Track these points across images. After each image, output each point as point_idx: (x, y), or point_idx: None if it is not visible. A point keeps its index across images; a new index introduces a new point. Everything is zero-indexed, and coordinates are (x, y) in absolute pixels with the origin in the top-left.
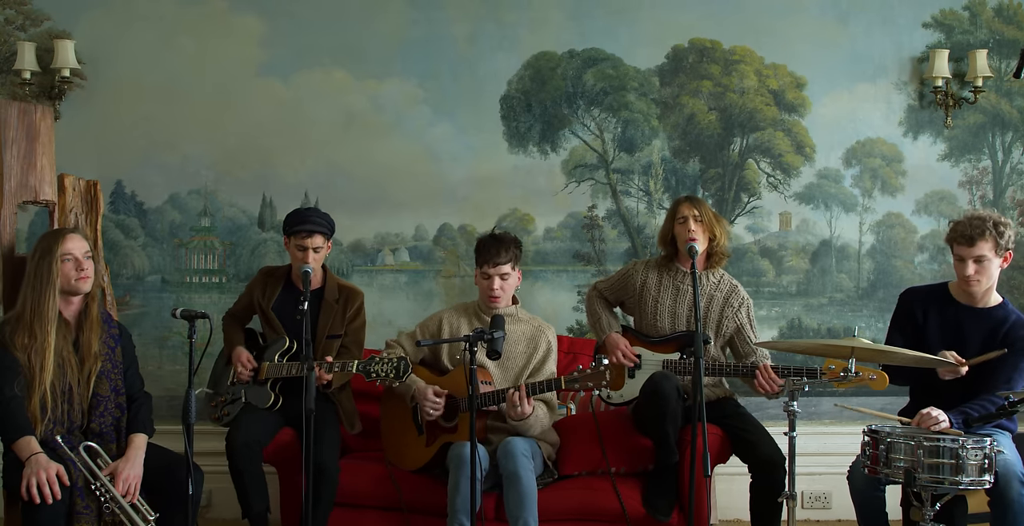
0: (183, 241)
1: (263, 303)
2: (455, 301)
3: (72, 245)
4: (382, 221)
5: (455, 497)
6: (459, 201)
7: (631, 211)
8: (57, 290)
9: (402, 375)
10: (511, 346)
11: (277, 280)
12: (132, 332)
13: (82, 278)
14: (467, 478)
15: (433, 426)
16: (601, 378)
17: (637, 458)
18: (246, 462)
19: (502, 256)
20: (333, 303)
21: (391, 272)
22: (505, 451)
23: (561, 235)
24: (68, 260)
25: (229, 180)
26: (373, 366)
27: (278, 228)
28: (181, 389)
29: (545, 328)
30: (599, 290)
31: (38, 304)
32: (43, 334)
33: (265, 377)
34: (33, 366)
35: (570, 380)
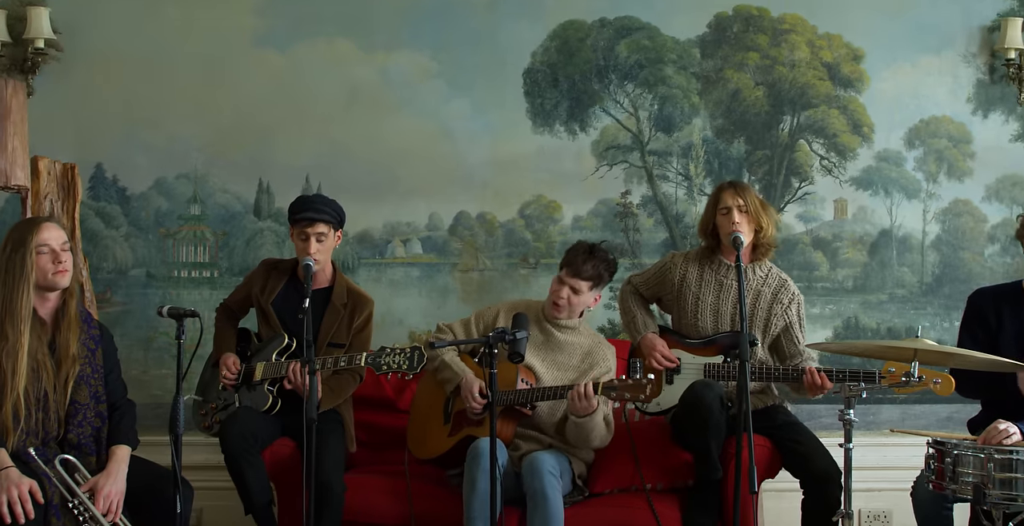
0: (170, 231)
1: (262, 298)
2: (472, 298)
3: (48, 235)
4: (392, 209)
5: (472, 498)
6: (477, 186)
7: (669, 197)
8: (31, 285)
9: (416, 366)
10: (565, 357)
11: (281, 274)
12: (114, 332)
13: (60, 272)
14: (485, 473)
15: (461, 417)
16: (640, 390)
17: (676, 473)
18: (243, 451)
19: (585, 270)
20: (340, 307)
21: (402, 265)
22: (531, 467)
23: (591, 224)
24: (44, 252)
25: (221, 163)
26: (384, 358)
27: (276, 216)
28: (168, 396)
29: (606, 348)
30: (634, 285)
31: (10, 301)
32: (15, 334)
33: (261, 378)
34: (4, 370)
35: (608, 388)
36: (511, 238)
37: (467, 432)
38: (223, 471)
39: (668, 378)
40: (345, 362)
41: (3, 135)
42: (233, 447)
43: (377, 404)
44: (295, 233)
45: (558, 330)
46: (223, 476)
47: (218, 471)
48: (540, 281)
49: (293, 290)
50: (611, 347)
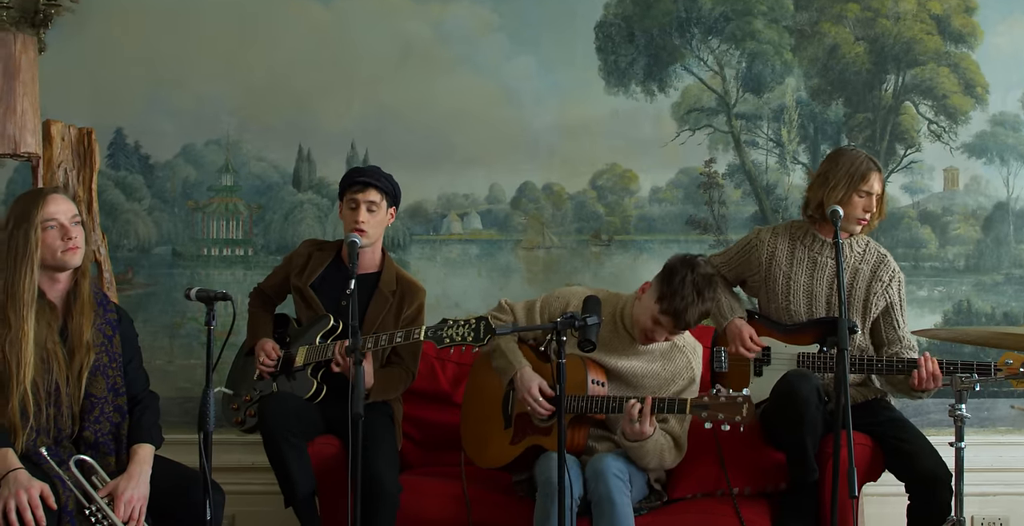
0: (199, 204)
1: (300, 280)
2: (538, 278)
3: (55, 208)
4: (448, 179)
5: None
6: (544, 154)
7: (758, 166)
8: (36, 265)
9: (483, 337)
10: (640, 360)
11: (324, 255)
12: (135, 317)
13: (70, 249)
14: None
15: (524, 421)
16: (736, 411)
17: (766, 476)
18: (285, 432)
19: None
20: (388, 295)
21: (459, 242)
22: (594, 470)
23: (671, 196)
24: (51, 227)
25: (256, 128)
26: (446, 330)
27: (317, 187)
28: (196, 389)
29: (690, 350)
30: (714, 266)
31: (13, 283)
32: (18, 321)
33: (304, 363)
34: (8, 361)
35: (697, 406)
36: (581, 212)
37: (532, 441)
38: (258, 473)
39: (757, 369)
40: (402, 337)
41: (12, 96)
42: (273, 426)
43: (431, 397)
44: (344, 203)
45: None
46: (258, 478)
47: (252, 473)
48: (614, 260)
49: (336, 272)
50: (696, 347)
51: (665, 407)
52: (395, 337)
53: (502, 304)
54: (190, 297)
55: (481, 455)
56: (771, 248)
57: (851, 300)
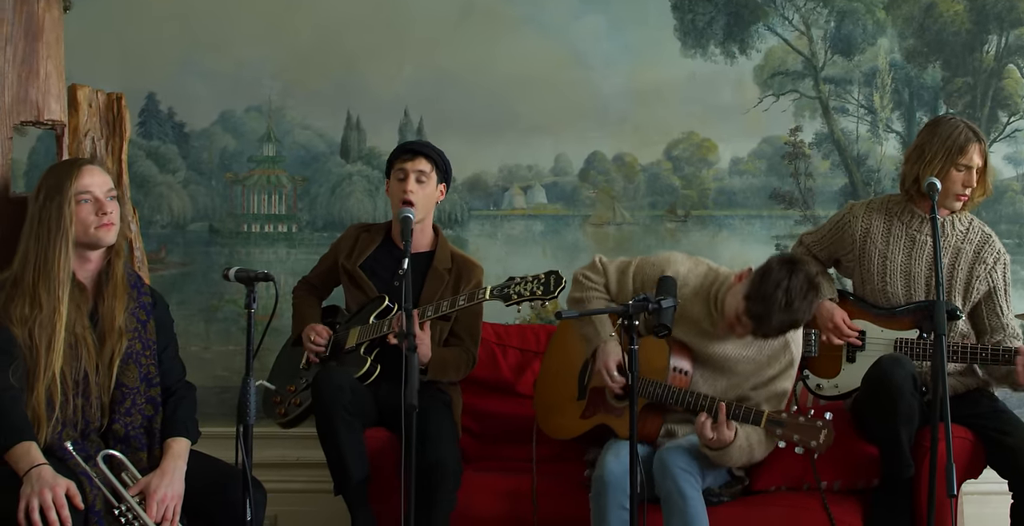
0: (238, 176)
1: (348, 263)
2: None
3: (90, 180)
4: (510, 149)
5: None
6: (614, 122)
7: (848, 135)
8: (70, 242)
9: (553, 290)
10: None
11: (372, 236)
12: (170, 300)
13: (104, 226)
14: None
15: (598, 396)
16: (813, 435)
17: (857, 470)
18: (339, 408)
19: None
20: (443, 273)
21: (522, 218)
22: (660, 465)
23: (753, 168)
24: (85, 201)
25: (301, 94)
26: (512, 287)
27: (367, 158)
28: (235, 378)
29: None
30: (806, 245)
31: (44, 261)
32: (52, 302)
33: (356, 343)
34: (36, 346)
35: (773, 422)
36: (655, 185)
37: (601, 420)
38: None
39: (850, 355)
40: (465, 300)
41: (34, 59)
42: (329, 401)
43: (491, 387)
44: (392, 176)
45: None
46: (303, 475)
47: (297, 469)
48: (690, 237)
49: (387, 254)
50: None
51: (740, 415)
52: (457, 301)
53: (596, 262)
54: (229, 277)
55: (548, 421)
56: (865, 224)
57: (951, 283)
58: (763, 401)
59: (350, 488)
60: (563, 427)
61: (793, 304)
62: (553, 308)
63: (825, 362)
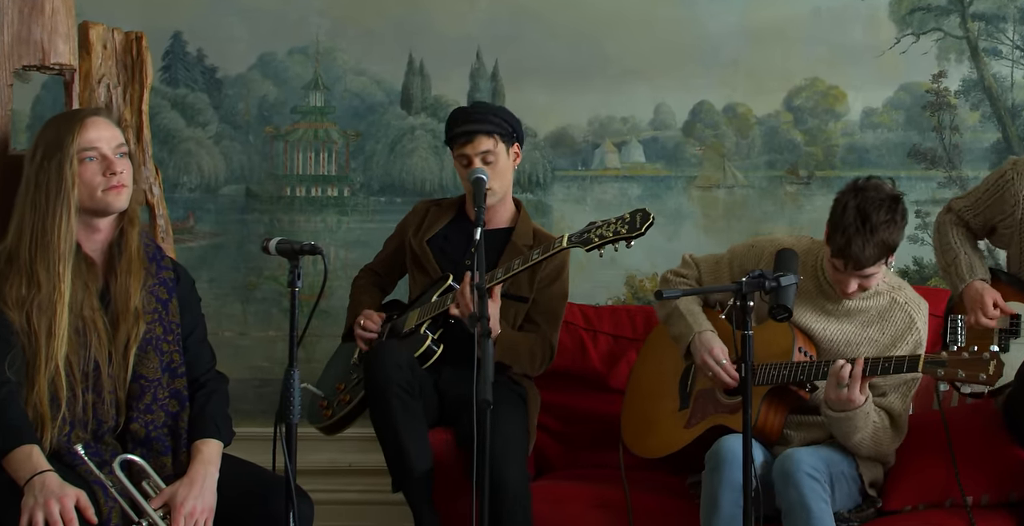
0: (280, 131)
1: (415, 239)
2: (717, 226)
3: (96, 135)
4: (601, 99)
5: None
6: (725, 67)
7: (1001, 81)
8: (73, 208)
9: (641, 226)
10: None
11: (443, 211)
12: (199, 277)
13: (113, 188)
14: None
15: (705, 399)
16: (981, 368)
17: (1011, 481)
18: (398, 388)
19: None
20: (523, 248)
21: (615, 180)
22: (783, 471)
23: (889, 121)
24: (91, 159)
25: (353, 33)
26: (594, 231)
27: (433, 109)
28: (276, 369)
29: (913, 309)
30: (956, 212)
31: (42, 232)
32: (51, 279)
33: (416, 324)
34: (36, 331)
35: (933, 362)
36: (773, 141)
37: (715, 421)
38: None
39: (1002, 343)
40: (540, 253)
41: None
42: (382, 379)
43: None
44: (455, 157)
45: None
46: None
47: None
48: (815, 203)
49: (458, 231)
50: (921, 303)
51: (892, 367)
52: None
53: (686, 259)
54: (269, 250)
55: (643, 441)
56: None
57: None
58: (891, 390)
59: (412, 481)
60: (662, 442)
61: (871, 219)
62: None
63: None
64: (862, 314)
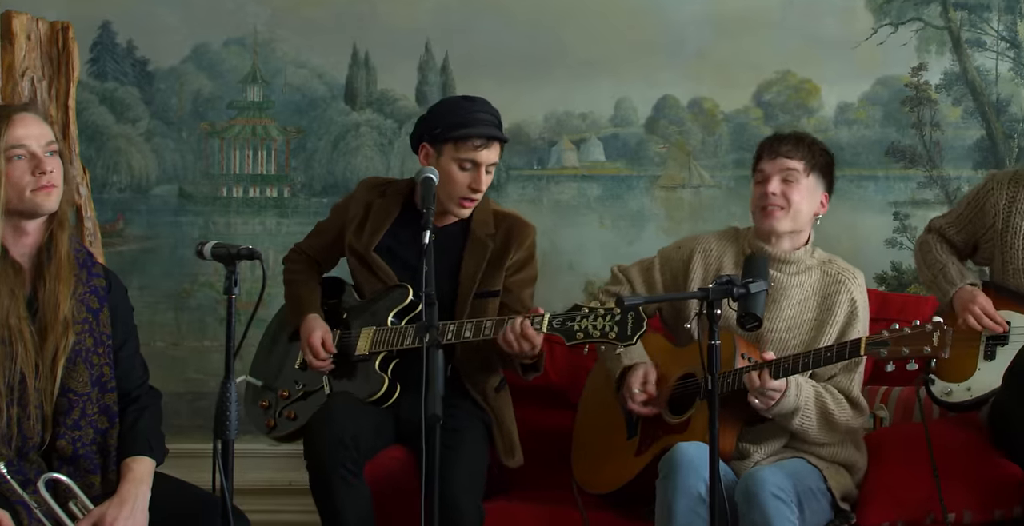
0: (216, 127)
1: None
2: (682, 229)
3: (24, 132)
4: (559, 93)
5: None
6: (690, 59)
7: (986, 74)
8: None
9: (632, 335)
10: (791, 308)
11: (389, 204)
12: (128, 284)
13: (43, 188)
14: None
15: (653, 424)
16: (924, 340)
17: (995, 495)
18: (339, 467)
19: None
20: (485, 240)
21: (573, 179)
22: (746, 491)
23: (865, 116)
24: (18, 158)
25: (293, 23)
26: (578, 321)
27: (379, 104)
28: (212, 381)
29: (849, 278)
30: (938, 230)
31: None
32: None
33: (370, 351)
34: None
35: (874, 343)
36: (742, 137)
37: (666, 443)
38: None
39: (988, 352)
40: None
41: None
42: (325, 460)
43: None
44: (447, 157)
45: (780, 268)
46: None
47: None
48: None
49: (408, 229)
50: (858, 274)
51: (834, 355)
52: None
53: (615, 273)
54: (204, 255)
55: (595, 477)
56: (1011, 193)
57: None
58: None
59: None
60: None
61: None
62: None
63: (957, 362)
64: (796, 291)
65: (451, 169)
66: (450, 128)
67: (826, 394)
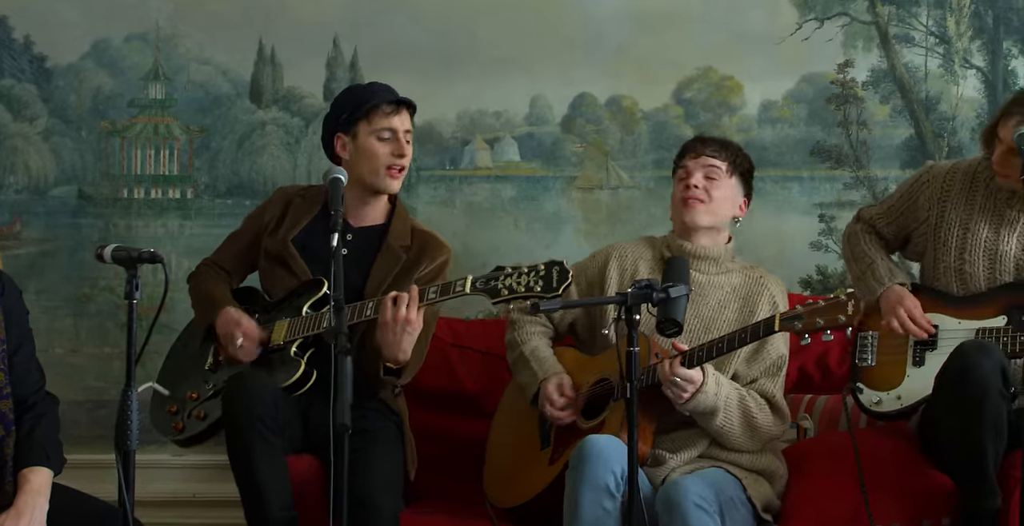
0: (117, 126)
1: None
2: (600, 232)
3: None
4: (471, 90)
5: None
6: (609, 55)
7: (914, 71)
8: None
9: (557, 287)
10: (708, 308)
11: (308, 204)
12: (24, 289)
13: None
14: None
15: (565, 431)
16: (838, 311)
17: (924, 506)
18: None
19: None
20: (399, 251)
21: (486, 180)
22: (667, 501)
23: (790, 115)
24: None
25: (197, 18)
26: (503, 280)
27: (285, 102)
28: (113, 389)
29: (770, 282)
30: (867, 221)
31: None
32: None
33: (285, 341)
34: None
35: (789, 318)
36: (662, 137)
37: None
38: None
39: (917, 357)
40: (436, 293)
41: None
42: (242, 413)
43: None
44: (365, 132)
45: (699, 267)
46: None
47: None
48: None
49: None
50: (779, 281)
51: (748, 336)
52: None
53: None
54: (104, 258)
55: (507, 490)
56: (947, 186)
57: None
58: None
59: (269, 522)
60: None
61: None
62: None
63: (885, 370)
64: (716, 292)
65: (371, 144)
66: (357, 107)
67: (749, 398)
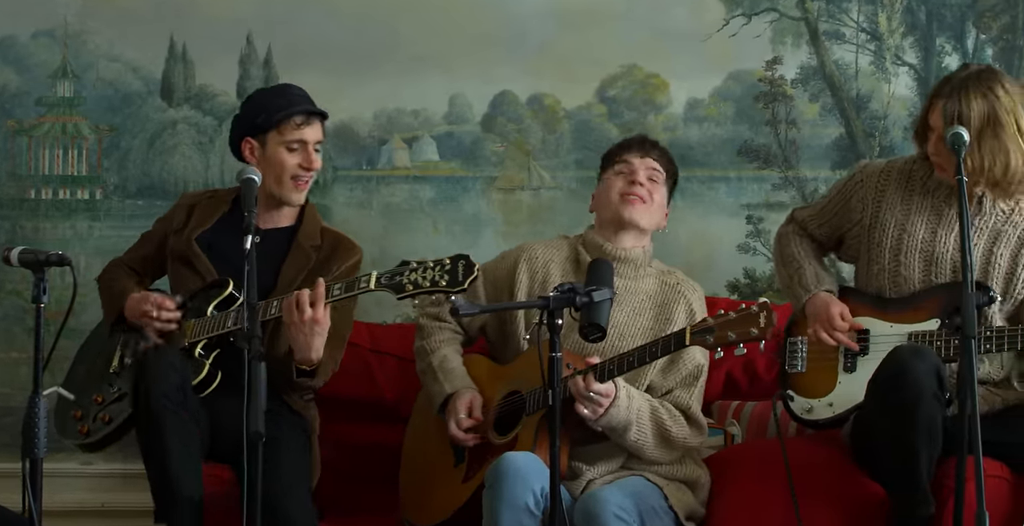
0: (22, 125)
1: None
2: (521, 233)
3: None
4: (388, 89)
5: None
6: (531, 53)
7: (845, 69)
8: None
9: (463, 281)
10: (623, 314)
11: (215, 204)
12: None
13: None
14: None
15: (479, 447)
16: (750, 324)
17: (856, 516)
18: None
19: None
20: (309, 251)
21: (404, 180)
22: (586, 512)
23: (717, 113)
24: None
25: (106, 14)
26: (408, 275)
27: (197, 100)
28: (18, 396)
29: (687, 289)
30: (799, 223)
31: None
32: None
33: (190, 342)
34: None
35: (700, 331)
36: (585, 136)
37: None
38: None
39: (848, 364)
40: (341, 290)
41: None
42: (154, 395)
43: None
44: (275, 142)
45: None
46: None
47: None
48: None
49: (233, 228)
50: (696, 287)
51: (659, 350)
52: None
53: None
54: (10, 261)
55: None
56: (881, 185)
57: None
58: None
59: (178, 511)
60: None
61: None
62: None
63: (816, 377)
64: (631, 298)
65: (279, 154)
66: (269, 115)
67: (662, 409)
